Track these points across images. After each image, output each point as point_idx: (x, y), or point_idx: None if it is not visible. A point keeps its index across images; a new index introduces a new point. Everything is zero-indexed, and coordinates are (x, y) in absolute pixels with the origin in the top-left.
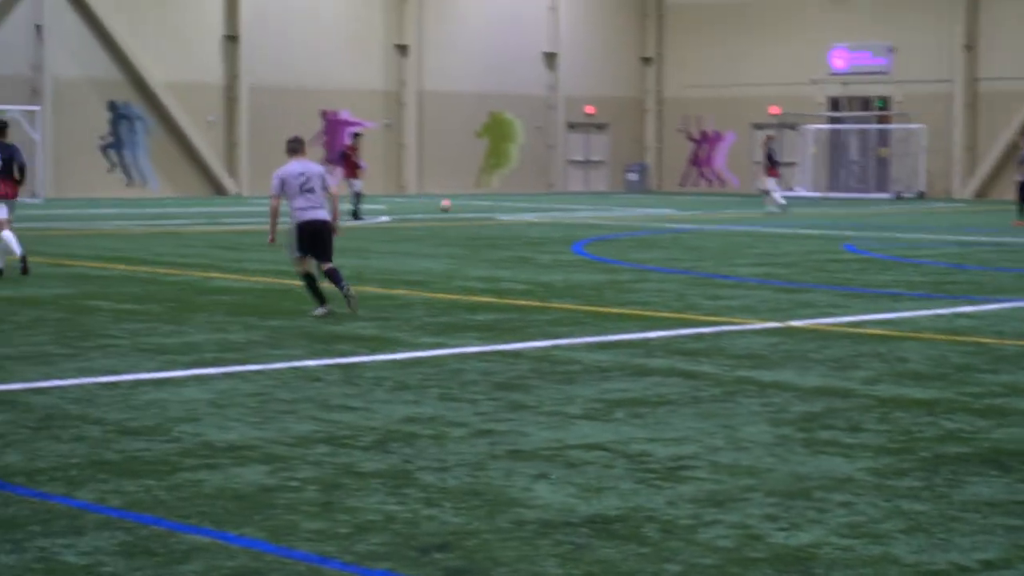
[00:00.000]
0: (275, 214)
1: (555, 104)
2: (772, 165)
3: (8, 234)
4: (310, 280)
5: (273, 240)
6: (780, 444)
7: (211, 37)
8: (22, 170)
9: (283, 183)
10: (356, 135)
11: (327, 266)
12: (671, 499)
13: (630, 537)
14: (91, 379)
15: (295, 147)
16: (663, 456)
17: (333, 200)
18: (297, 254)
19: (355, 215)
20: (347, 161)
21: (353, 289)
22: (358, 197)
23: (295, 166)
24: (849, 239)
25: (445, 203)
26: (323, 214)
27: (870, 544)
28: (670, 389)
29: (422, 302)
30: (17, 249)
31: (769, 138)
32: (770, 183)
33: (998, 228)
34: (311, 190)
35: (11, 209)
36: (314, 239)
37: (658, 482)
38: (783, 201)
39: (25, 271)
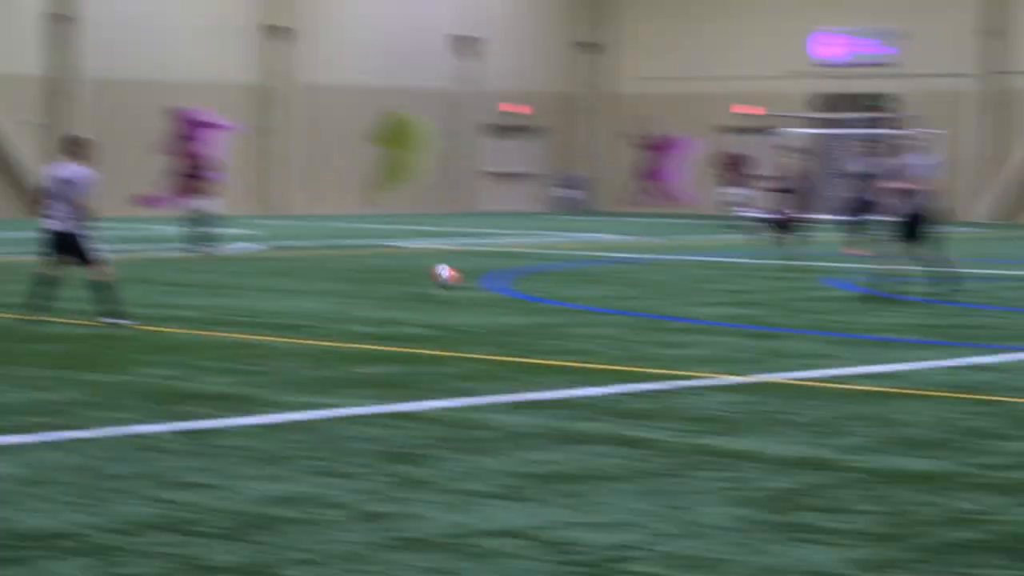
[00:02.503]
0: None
1: (467, 101)
2: None
3: None
4: (40, 285)
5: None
6: (744, 530)
7: (30, 17)
8: None
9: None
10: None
11: (95, 275)
12: None
13: None
14: None
15: (68, 148)
16: (598, 545)
17: (83, 210)
18: (48, 254)
19: (196, 241)
20: (187, 177)
21: (112, 321)
22: (201, 220)
23: (59, 170)
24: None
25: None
26: (60, 226)
27: None
28: (608, 460)
29: (294, 351)
30: None
31: None
32: None
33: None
34: (60, 198)
35: None
36: (62, 248)
37: None
38: None
39: None
